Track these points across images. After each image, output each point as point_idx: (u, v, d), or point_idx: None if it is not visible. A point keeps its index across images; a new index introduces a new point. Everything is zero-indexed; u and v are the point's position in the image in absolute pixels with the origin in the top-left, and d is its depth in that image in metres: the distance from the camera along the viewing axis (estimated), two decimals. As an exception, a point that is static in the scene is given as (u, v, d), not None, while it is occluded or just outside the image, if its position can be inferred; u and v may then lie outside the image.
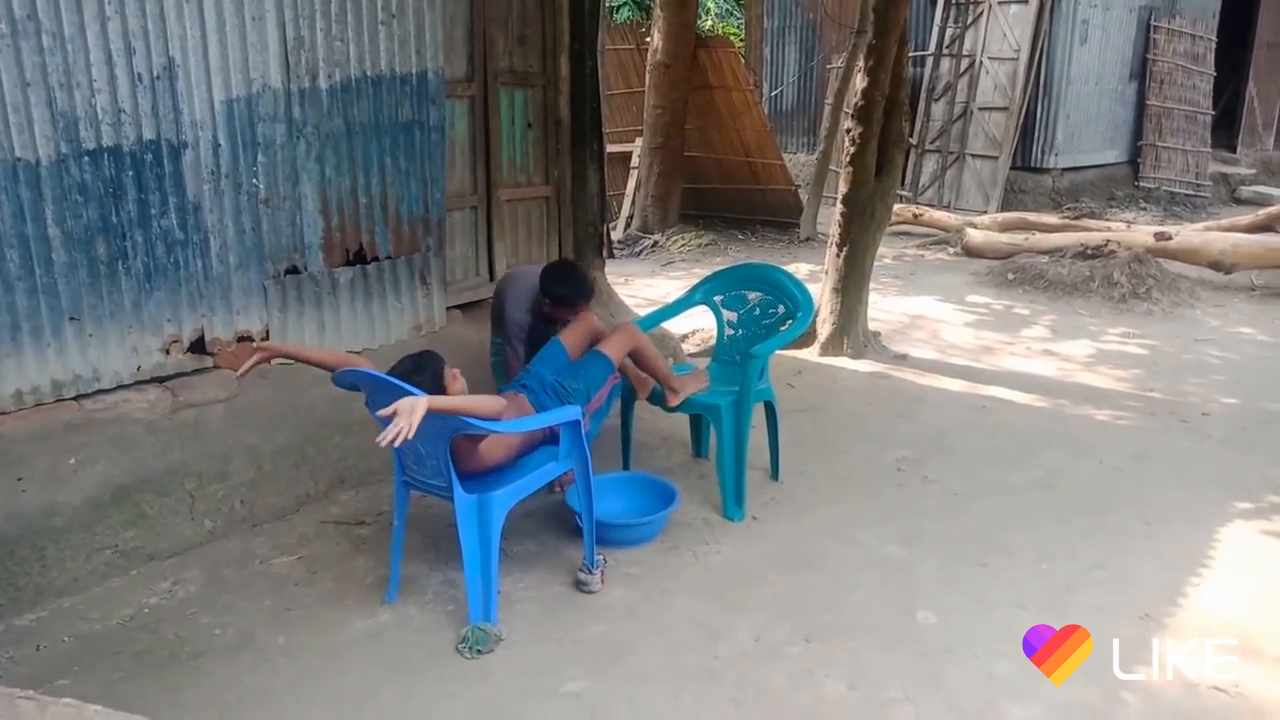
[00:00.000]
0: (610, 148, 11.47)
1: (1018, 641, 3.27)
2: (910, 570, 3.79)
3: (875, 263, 6.84)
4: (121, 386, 3.89)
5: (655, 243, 10.85)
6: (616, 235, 10.78)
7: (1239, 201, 13.63)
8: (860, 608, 3.51)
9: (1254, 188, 13.95)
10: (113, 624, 3.33)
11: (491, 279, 5.50)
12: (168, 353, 4.00)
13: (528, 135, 5.57)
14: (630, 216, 11.38)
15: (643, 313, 6.66)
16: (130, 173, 3.73)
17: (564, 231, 5.86)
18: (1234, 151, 15.04)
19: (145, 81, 3.71)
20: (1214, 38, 14.01)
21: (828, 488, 4.50)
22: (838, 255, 6.37)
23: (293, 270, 4.35)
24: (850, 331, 6.36)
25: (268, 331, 4.30)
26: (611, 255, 6.06)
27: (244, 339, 4.24)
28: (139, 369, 3.92)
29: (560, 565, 3.77)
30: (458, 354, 5.02)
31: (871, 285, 6.80)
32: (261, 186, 4.16)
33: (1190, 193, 13.33)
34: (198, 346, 4.10)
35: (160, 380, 4.02)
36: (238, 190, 4.09)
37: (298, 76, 4.18)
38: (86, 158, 3.60)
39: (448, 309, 5.08)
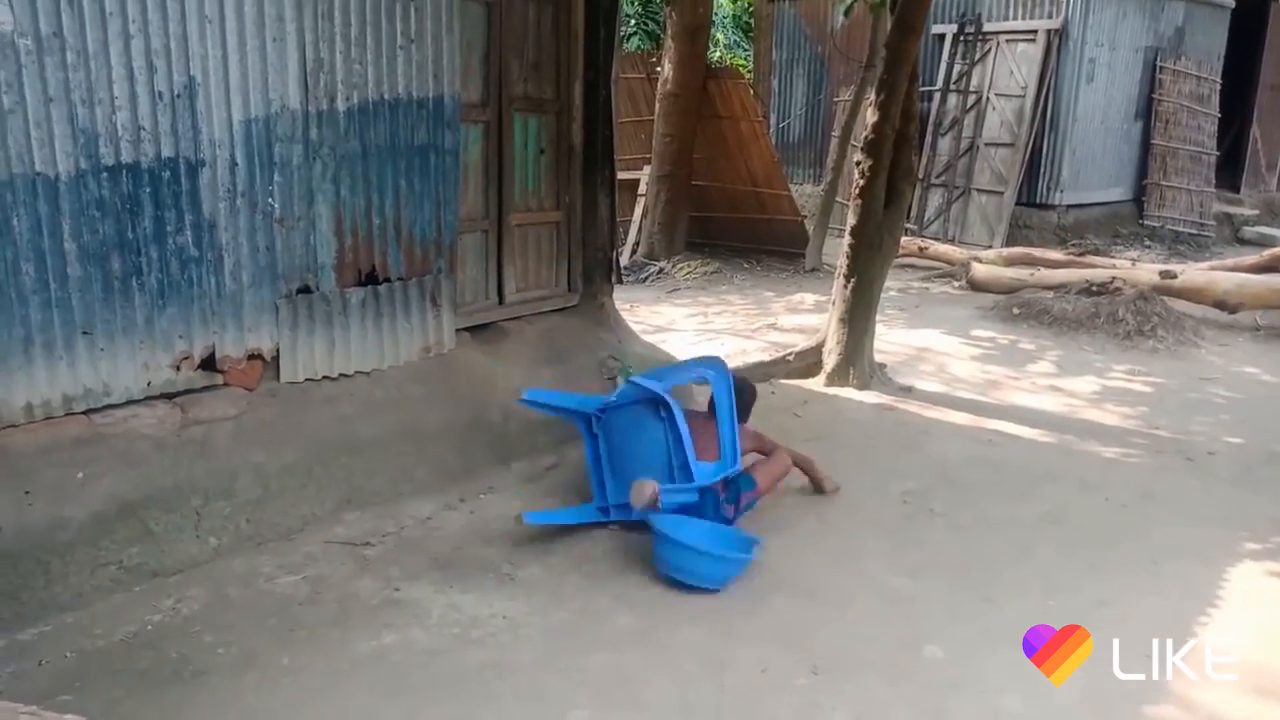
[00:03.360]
0: (619, 175, 11.58)
1: (1024, 678, 3.26)
2: (917, 603, 3.77)
3: (882, 295, 6.86)
4: (131, 402, 3.89)
5: (661, 270, 10.89)
6: (623, 261, 10.81)
7: (1242, 242, 13.67)
8: (867, 640, 3.49)
9: (1257, 228, 14.01)
10: (115, 640, 3.32)
11: (501, 302, 5.52)
12: (178, 369, 4.01)
13: (540, 161, 5.60)
14: (637, 243, 11.42)
15: (648, 339, 6.69)
16: (148, 189, 3.76)
17: (574, 256, 5.88)
18: (1238, 192, 15.11)
19: (165, 99, 3.74)
20: (1219, 79, 14.11)
21: (834, 518, 4.49)
22: (845, 286, 6.39)
23: (305, 289, 4.36)
24: (856, 362, 6.37)
25: (278, 350, 4.31)
26: (620, 281, 6.08)
27: (254, 357, 4.25)
28: (149, 384, 3.93)
29: (566, 590, 3.76)
30: (467, 377, 5.05)
31: (878, 317, 6.81)
32: (277, 206, 4.19)
33: (1194, 232, 13.38)
34: (208, 363, 4.11)
35: (170, 396, 4.02)
36: (253, 209, 4.11)
37: (316, 98, 4.21)
38: (105, 173, 3.62)
39: (457, 331, 5.09)
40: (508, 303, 5.54)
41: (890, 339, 7.70)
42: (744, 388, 4.58)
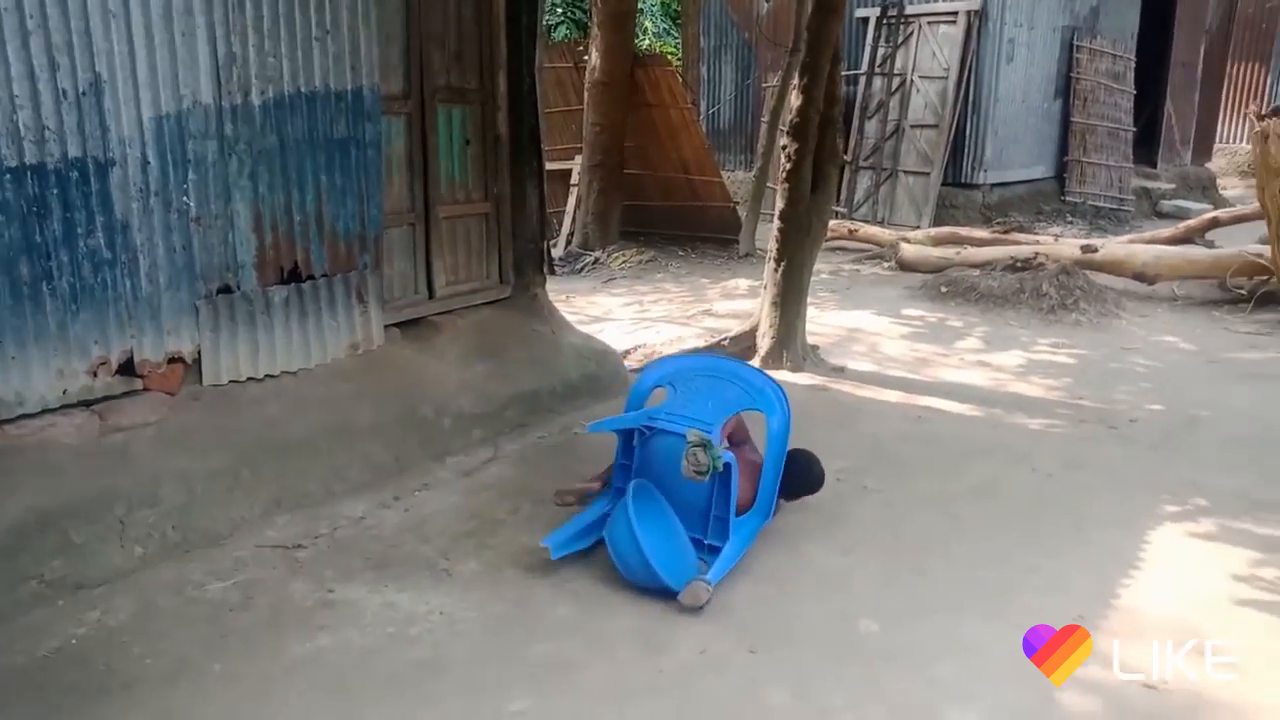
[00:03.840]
0: (550, 165, 11.45)
1: (956, 646, 3.34)
2: (851, 578, 3.83)
3: (813, 277, 6.93)
4: (47, 411, 3.78)
5: (596, 260, 10.87)
6: (557, 253, 10.77)
7: (1160, 215, 14.09)
8: (803, 617, 3.54)
9: (1174, 201, 14.45)
10: (38, 656, 3.22)
11: (431, 296, 5.46)
12: (95, 375, 3.90)
13: (466, 152, 5.55)
14: (571, 234, 11.39)
15: (584, 329, 6.68)
16: (55, 191, 3.64)
17: (504, 248, 5.84)
18: (1154, 166, 15.57)
19: (70, 98, 3.62)
20: (1133, 57, 14.50)
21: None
22: (776, 270, 6.44)
23: (225, 289, 4.27)
24: (789, 345, 6.43)
25: (199, 352, 4.22)
26: (552, 272, 6.06)
27: (175, 360, 4.15)
28: (65, 392, 3.81)
29: (504, 583, 3.74)
30: (398, 373, 4.99)
31: (809, 300, 6.88)
32: (192, 204, 4.09)
33: (1114, 207, 13.76)
34: (127, 369, 4.01)
35: (88, 404, 3.91)
36: (168, 208, 4.01)
37: (229, 93, 4.12)
38: (8, 175, 3.50)
39: (386, 327, 5.03)
40: (438, 297, 5.49)
41: (823, 321, 7.79)
42: (812, 472, 4.31)
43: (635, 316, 8.55)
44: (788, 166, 6.32)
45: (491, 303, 5.75)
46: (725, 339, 6.84)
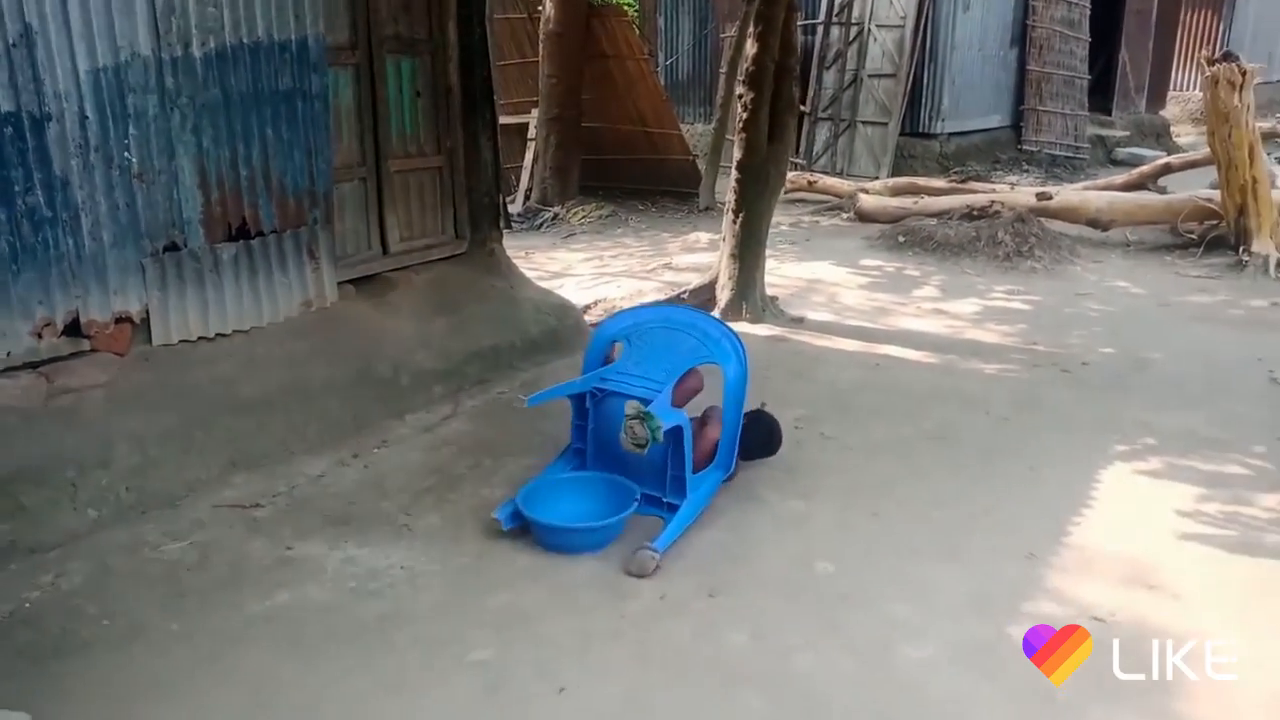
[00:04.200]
0: (506, 119, 11.32)
1: (911, 585, 3.40)
2: (809, 523, 3.88)
3: (772, 229, 6.94)
4: (-10, 373, 3.70)
5: (555, 215, 10.77)
6: (516, 208, 10.66)
7: (1115, 163, 14.21)
8: (762, 561, 3.58)
9: (1128, 149, 14.57)
10: (-9, 620, 3.18)
11: (385, 252, 5.39)
12: (40, 337, 3.82)
13: (417, 104, 5.45)
14: (529, 189, 11.25)
15: (544, 285, 6.64)
16: (-12, 147, 3.53)
17: (459, 202, 5.77)
18: (1109, 114, 15.66)
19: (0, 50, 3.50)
20: (1088, 4, 14.48)
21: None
22: (734, 221, 6.43)
23: (172, 247, 4.19)
24: (748, 296, 6.44)
25: (147, 311, 4.14)
26: (509, 226, 6.00)
27: (122, 320, 4.08)
28: (9, 354, 3.74)
29: (465, 537, 3.74)
30: (353, 330, 4.94)
31: (769, 251, 6.89)
32: (134, 160, 4.00)
33: (1070, 155, 13.85)
34: (73, 329, 3.93)
35: (34, 366, 3.84)
36: (109, 164, 3.92)
37: (169, 44, 4.01)
38: (-62, 131, 3.39)
39: (340, 284, 4.97)
40: (392, 253, 5.42)
41: (782, 272, 7.81)
42: (773, 437, 4.32)
43: (595, 272, 8.51)
44: (744, 116, 6.28)
45: (447, 258, 5.69)
46: (685, 292, 6.84)
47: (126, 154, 3.97)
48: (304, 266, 4.73)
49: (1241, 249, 7.76)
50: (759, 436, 4.25)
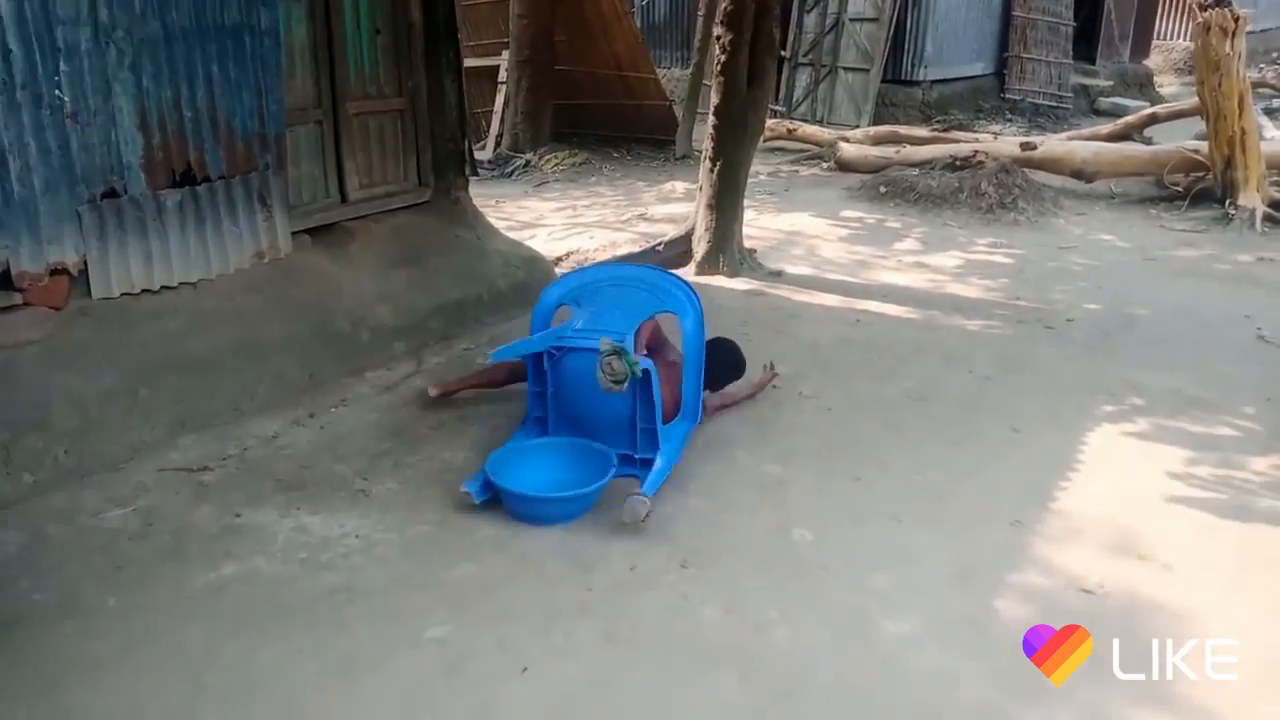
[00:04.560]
0: (475, 62, 10.94)
1: (892, 555, 3.26)
2: (786, 488, 3.72)
3: (750, 179, 6.70)
4: (-90, 329, 3.44)
5: (527, 162, 10.45)
6: (486, 155, 10.34)
7: (1098, 113, 14.00)
8: (737, 529, 3.42)
9: (1112, 99, 14.36)
10: (-88, 594, 2.97)
11: (344, 200, 5.12)
12: (-36, 289, 3.55)
13: (376, 42, 5.14)
14: (500, 135, 10.91)
15: (514, 236, 6.39)
16: (-103, 83, 3.23)
17: (422, 148, 5.49)
18: (1093, 63, 15.40)
19: (-95, -26, 3.19)
20: (1074, -51, 14.21)
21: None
22: (711, 171, 6.18)
23: (111, 194, 3.91)
24: (726, 249, 6.22)
25: (85, 263, 3.87)
26: (475, 173, 5.72)
27: (58, 272, 3.81)
28: (-69, 308, 3.47)
29: (425, 503, 3.55)
30: (309, 283, 4.69)
31: (747, 202, 6.66)
32: (66, 99, 3.70)
33: (1053, 104, 13.62)
34: (3, 281, 3.65)
35: (-41, 320, 3.58)
36: (37, 103, 3.62)
37: (100, -27, 3.69)
38: None
39: (294, 234, 4.70)
40: (351, 201, 5.15)
41: (760, 224, 7.59)
42: (734, 357, 4.29)
43: (568, 222, 8.25)
44: (722, 59, 6.01)
45: (410, 207, 5.43)
46: (660, 244, 6.61)
47: (57, 92, 3.67)
48: (255, 215, 4.46)
49: (1228, 202, 7.60)
50: (723, 361, 4.17)
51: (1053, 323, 5.56)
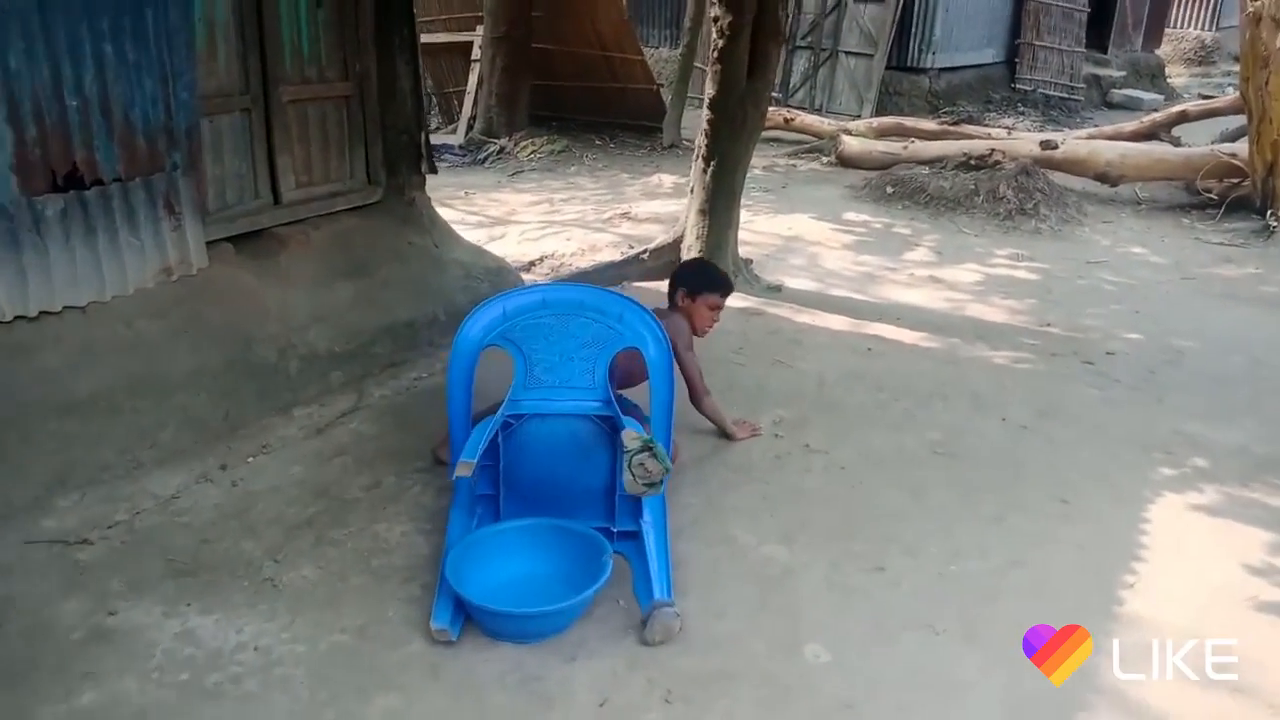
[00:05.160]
0: (446, 36, 10.16)
1: (931, 684, 2.60)
2: (794, 580, 3.04)
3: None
4: None
5: (501, 149, 9.67)
6: (457, 139, 9.56)
7: (1110, 105, 13.35)
8: (734, 643, 2.74)
9: (1124, 91, 13.70)
10: None
11: (277, 202, 4.37)
12: None
13: (316, 17, 4.38)
14: (473, 118, 10.10)
15: (483, 233, 5.68)
16: None
17: (372, 140, 4.74)
18: (1105, 52, 14.73)
19: None
20: (1089, -71, 13.50)
21: (694, 465, 3.67)
22: (705, 171, 5.46)
23: (-31, 201, 3.16)
24: (719, 259, 5.48)
25: (-66, 286, 3.13)
26: (433, 170, 4.97)
27: (-102, 297, 3.06)
28: None
29: (346, 600, 2.84)
30: (228, 303, 3.97)
31: (742, 202, 5.94)
32: (-95, 84, 2.94)
33: (1065, 95, 12.95)
34: None
35: None
36: None
37: (-56, -77, 2.93)
38: None
39: (213, 243, 3.97)
40: (286, 202, 4.40)
41: (756, 227, 6.88)
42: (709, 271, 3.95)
43: (543, 219, 7.50)
44: (720, 44, 5.27)
45: (356, 209, 4.68)
46: (645, 251, 5.88)
47: (-107, 75, 2.92)
48: (161, 224, 3.71)
49: (1270, 213, 6.95)
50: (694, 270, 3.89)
51: (1090, 356, 4.89)
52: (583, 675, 2.58)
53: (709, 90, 5.47)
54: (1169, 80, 15.94)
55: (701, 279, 3.82)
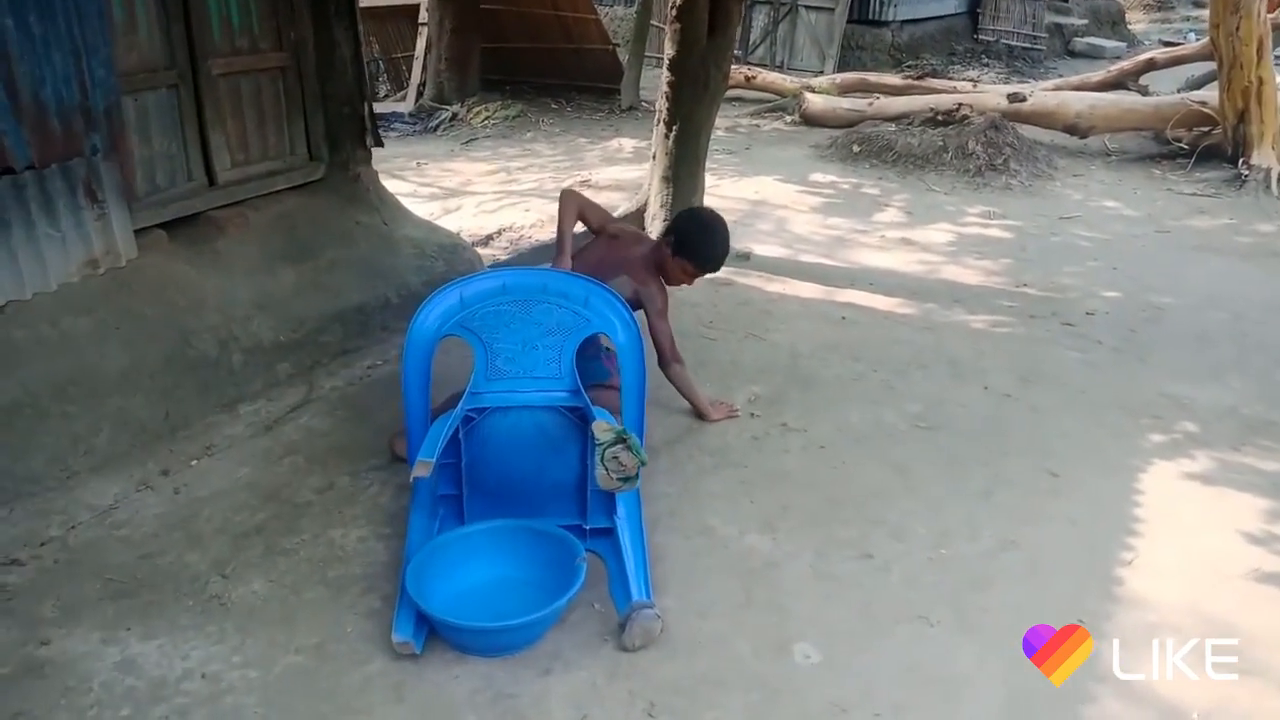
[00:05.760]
0: (392, 0, 9.76)
1: (927, 681, 2.46)
2: (779, 572, 2.88)
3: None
4: None
5: (454, 115, 9.32)
6: (407, 107, 9.21)
7: (1072, 54, 13.21)
8: (718, 645, 2.57)
9: (1086, 39, 13.55)
10: None
11: (211, 182, 4.09)
12: None
13: (247, -18, 4.08)
14: (422, 84, 9.73)
15: (437, 205, 5.42)
16: None
17: (312, 114, 4.46)
18: (1066, 0, 14.56)
19: None
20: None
21: (668, 448, 3.49)
22: (667, 136, 5.23)
23: None
24: (684, 228, 5.28)
25: None
26: (379, 143, 4.70)
27: None
28: None
29: (300, 615, 2.64)
30: (161, 295, 3.71)
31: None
32: None
33: (1028, 45, 12.78)
34: None
35: None
36: None
37: None
38: None
39: (143, 231, 3.70)
40: (221, 184, 4.12)
41: (721, 192, 6.66)
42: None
43: (500, 189, 7.22)
44: (679, 1, 5.02)
45: (298, 188, 4.41)
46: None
47: None
48: (83, 212, 3.43)
49: (1241, 161, 6.84)
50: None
51: (1070, 317, 4.76)
52: (559, 689, 2.41)
53: (669, 50, 5.21)
54: (1130, 27, 15.82)
55: (698, 248, 3.52)
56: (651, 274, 3.52)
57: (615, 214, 5.69)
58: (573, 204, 3.56)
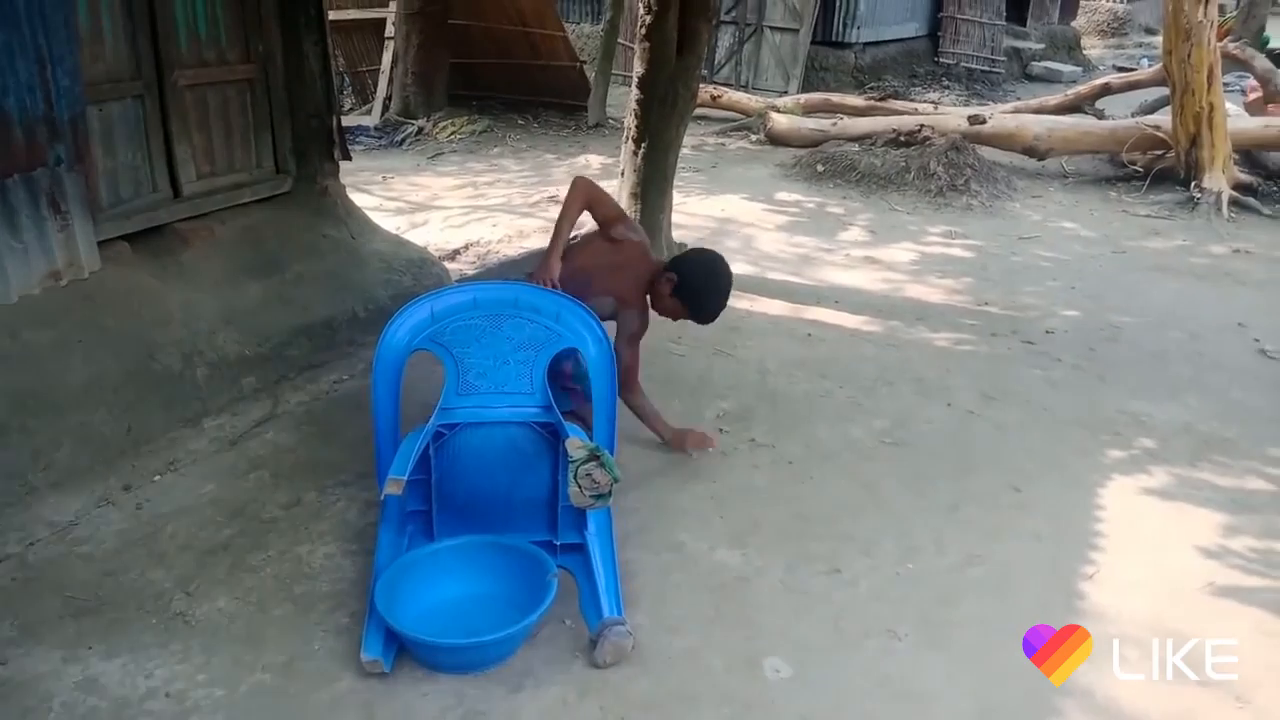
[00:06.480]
0: (357, 13, 9.74)
1: (896, 696, 2.47)
2: (749, 588, 2.89)
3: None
4: None
5: (420, 129, 9.29)
6: (373, 121, 9.16)
7: (1030, 78, 13.48)
8: (690, 661, 2.58)
9: (1044, 63, 13.84)
10: None
11: (176, 194, 4.05)
12: None
13: (213, -6, 4.06)
14: (388, 98, 9.69)
15: (404, 220, 5.39)
16: None
17: (279, 126, 4.43)
18: (1024, 25, 14.86)
19: None
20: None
21: (635, 464, 3.49)
22: (635, 153, 5.26)
23: None
24: (654, 245, 5.29)
25: None
26: (346, 156, 4.67)
27: None
28: None
29: (267, 633, 2.61)
30: (124, 308, 3.66)
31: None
32: None
33: (987, 68, 13.02)
34: None
35: None
36: None
37: None
38: None
39: (106, 243, 3.66)
40: (187, 196, 4.09)
41: (688, 209, 6.70)
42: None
43: (467, 204, 7.20)
44: (648, 20, 5.07)
45: (265, 200, 4.38)
46: (576, 237, 5.63)
47: None
48: (45, 224, 3.38)
49: (1193, 184, 7.01)
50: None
51: (1030, 335, 4.84)
52: (530, 707, 2.39)
53: (637, 69, 5.26)
54: (1085, 52, 16.19)
55: (701, 301, 3.38)
56: (638, 296, 3.39)
57: (583, 231, 5.72)
58: (580, 196, 3.37)
